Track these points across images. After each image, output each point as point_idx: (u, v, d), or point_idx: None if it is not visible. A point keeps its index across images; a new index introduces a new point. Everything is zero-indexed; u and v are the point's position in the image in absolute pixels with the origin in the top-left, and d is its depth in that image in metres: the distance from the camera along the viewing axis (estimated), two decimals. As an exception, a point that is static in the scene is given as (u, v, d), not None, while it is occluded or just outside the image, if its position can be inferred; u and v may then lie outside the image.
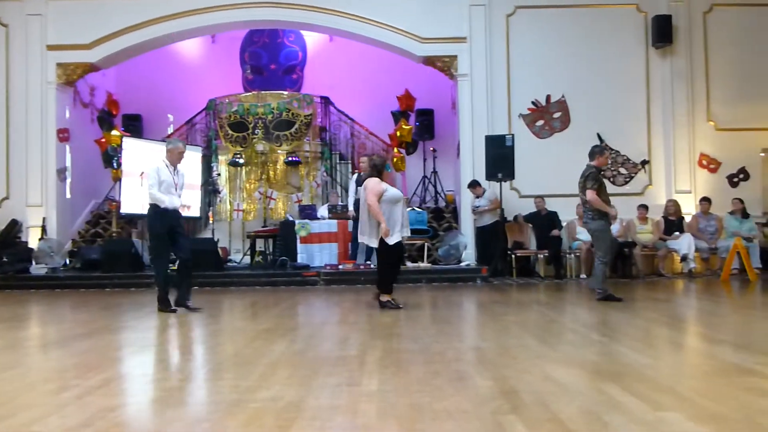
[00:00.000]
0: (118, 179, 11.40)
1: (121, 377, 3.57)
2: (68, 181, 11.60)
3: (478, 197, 10.40)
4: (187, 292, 6.44)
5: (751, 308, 6.44)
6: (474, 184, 10.41)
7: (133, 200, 10.35)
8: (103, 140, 11.87)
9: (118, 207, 11.04)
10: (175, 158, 6.57)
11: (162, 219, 6.37)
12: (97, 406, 2.78)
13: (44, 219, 10.99)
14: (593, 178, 6.55)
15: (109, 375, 3.50)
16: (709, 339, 4.44)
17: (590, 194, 6.48)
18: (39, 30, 11.18)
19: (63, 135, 11.38)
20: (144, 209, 10.15)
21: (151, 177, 6.44)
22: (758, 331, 4.85)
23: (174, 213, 6.46)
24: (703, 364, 3.69)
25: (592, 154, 6.85)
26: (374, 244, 6.32)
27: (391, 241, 6.18)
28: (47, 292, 9.10)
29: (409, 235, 6.67)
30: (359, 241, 6.75)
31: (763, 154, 11.16)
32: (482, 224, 10.37)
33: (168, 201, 6.37)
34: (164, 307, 6.31)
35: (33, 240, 10.79)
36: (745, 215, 10.21)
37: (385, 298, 6.22)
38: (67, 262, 10.99)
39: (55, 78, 11.19)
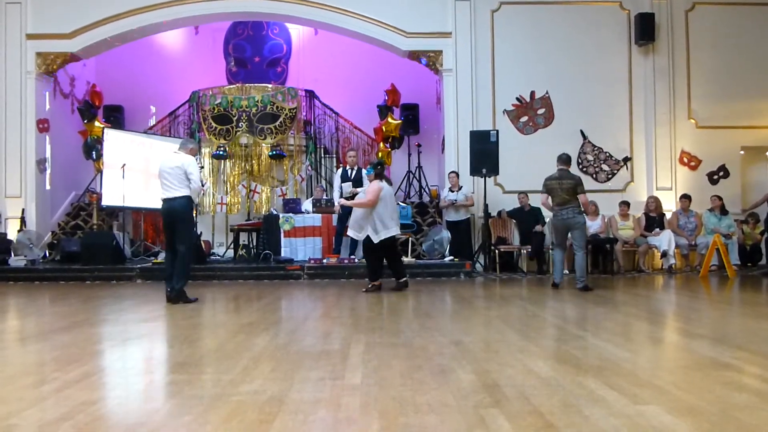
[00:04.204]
0: (99, 171, 11.29)
1: (102, 371, 3.54)
2: (48, 172, 11.45)
3: (452, 189, 10.43)
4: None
5: (729, 304, 6.54)
6: (455, 173, 10.46)
7: (115, 192, 10.26)
8: (86, 131, 11.73)
9: (99, 199, 10.95)
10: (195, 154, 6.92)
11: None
12: (77, 400, 2.76)
13: (23, 210, 10.86)
14: (582, 183, 7.54)
15: (90, 368, 3.47)
16: (687, 334, 4.50)
17: (584, 198, 7.52)
18: (18, 18, 11.02)
19: (43, 125, 11.23)
20: (124, 202, 10.16)
21: (198, 171, 6.64)
22: (735, 326, 4.93)
23: None
24: (681, 358, 3.74)
25: (569, 160, 7.68)
26: (360, 237, 7.08)
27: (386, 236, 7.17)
28: (26, 285, 8.99)
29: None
30: (348, 235, 7.37)
31: (742, 152, 11.33)
32: (456, 219, 10.40)
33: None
34: (187, 298, 6.52)
35: (12, 231, 10.65)
36: (724, 212, 10.36)
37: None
38: (47, 254, 10.87)
39: (35, 67, 11.04)
